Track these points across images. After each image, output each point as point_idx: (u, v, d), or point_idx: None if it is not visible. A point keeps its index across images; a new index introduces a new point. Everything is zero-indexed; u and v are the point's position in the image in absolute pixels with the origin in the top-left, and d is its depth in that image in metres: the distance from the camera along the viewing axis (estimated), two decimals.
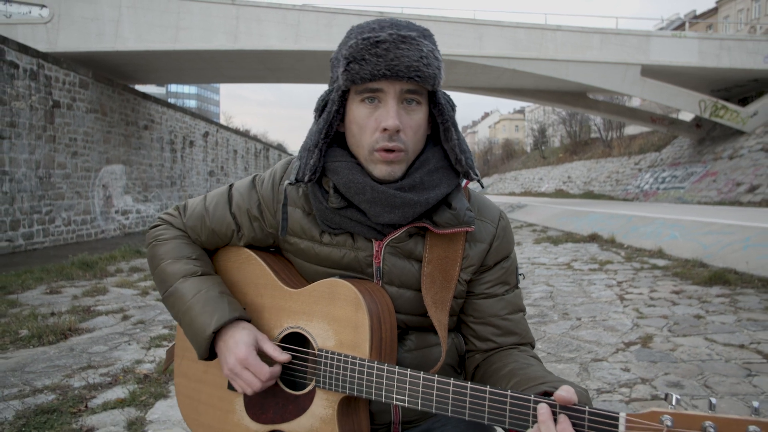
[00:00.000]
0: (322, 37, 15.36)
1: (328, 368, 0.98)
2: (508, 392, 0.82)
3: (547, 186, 40.92)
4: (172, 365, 1.24)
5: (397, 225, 1.03)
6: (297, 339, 1.07)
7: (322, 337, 1.00)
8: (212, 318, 1.01)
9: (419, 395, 0.89)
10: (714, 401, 0.72)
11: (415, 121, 0.98)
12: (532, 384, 0.89)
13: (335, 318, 0.99)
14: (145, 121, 15.32)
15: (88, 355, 3.60)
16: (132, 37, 14.56)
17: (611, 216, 12.77)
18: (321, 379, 0.98)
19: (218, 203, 1.15)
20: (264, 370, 0.98)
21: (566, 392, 0.77)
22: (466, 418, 0.85)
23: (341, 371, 0.96)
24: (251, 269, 1.13)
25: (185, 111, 18.68)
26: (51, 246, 10.71)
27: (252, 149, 27.74)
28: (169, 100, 28.10)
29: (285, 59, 16.69)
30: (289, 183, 1.02)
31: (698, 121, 22.91)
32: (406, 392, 0.90)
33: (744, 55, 18.49)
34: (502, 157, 68.42)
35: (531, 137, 63.22)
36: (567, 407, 0.78)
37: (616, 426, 0.74)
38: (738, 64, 18.52)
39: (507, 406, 0.82)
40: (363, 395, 0.94)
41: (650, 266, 7.13)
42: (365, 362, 0.94)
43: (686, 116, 25.10)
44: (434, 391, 0.88)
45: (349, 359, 0.95)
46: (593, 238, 10.48)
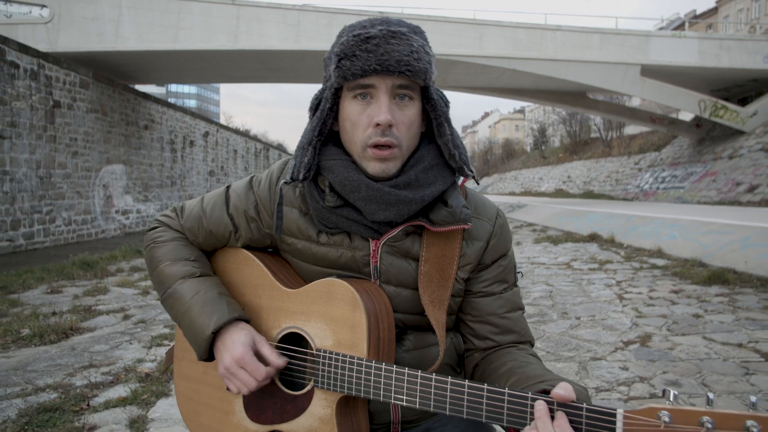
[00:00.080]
0: (323, 37, 15.37)
1: (327, 368, 0.97)
2: (506, 390, 0.82)
3: (547, 186, 40.91)
4: (172, 366, 1.24)
5: (394, 223, 1.03)
6: (295, 339, 1.06)
7: (320, 337, 1.00)
8: (211, 319, 1.01)
9: (417, 394, 0.89)
10: (711, 396, 0.71)
11: (408, 117, 0.97)
12: (531, 382, 0.89)
13: (333, 318, 0.99)
14: (146, 121, 15.33)
15: (90, 354, 3.62)
16: (132, 37, 14.57)
17: (611, 216, 12.78)
18: (319, 379, 0.98)
19: (215, 204, 1.15)
20: (260, 370, 0.98)
21: (564, 390, 0.77)
22: (464, 416, 0.85)
23: (339, 371, 0.96)
24: (249, 270, 1.12)
25: (185, 111, 18.69)
26: (51, 246, 10.73)
27: (252, 149, 27.75)
28: (169, 100, 28.09)
29: (285, 59, 16.71)
30: (285, 182, 1.02)
31: (698, 121, 22.92)
32: (404, 391, 0.90)
33: (744, 55, 18.51)
34: (502, 157, 68.42)
35: (531, 137, 63.24)
36: (564, 404, 0.77)
37: (614, 422, 0.74)
38: (738, 64, 18.54)
39: (505, 404, 0.82)
40: (361, 395, 0.94)
41: (649, 266, 7.14)
42: (363, 362, 0.94)
43: (686, 116, 25.10)
44: (432, 390, 0.88)
45: (347, 359, 0.95)
46: (593, 238, 10.49)
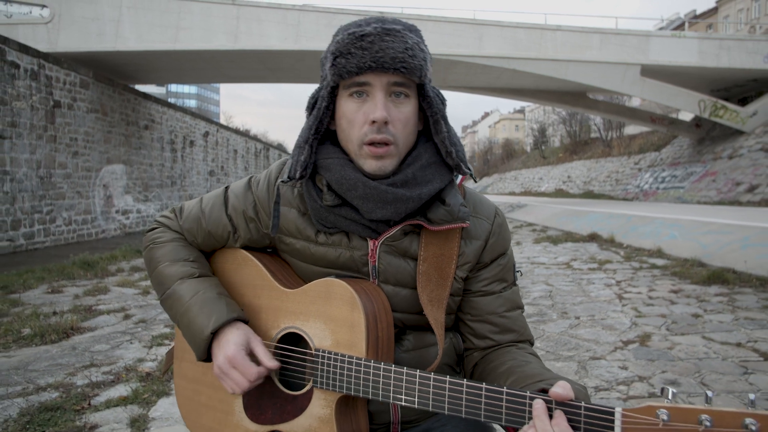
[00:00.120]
0: (323, 37, 15.37)
1: (325, 368, 0.97)
2: (504, 389, 0.82)
3: (547, 186, 40.92)
4: (172, 367, 1.24)
5: (392, 223, 1.03)
6: (294, 339, 1.06)
7: (319, 337, 1.00)
8: (210, 319, 1.01)
9: (416, 393, 0.89)
10: (710, 394, 0.71)
11: (404, 114, 0.97)
12: (530, 381, 0.89)
13: (331, 317, 0.99)
14: (146, 121, 15.34)
15: (91, 354, 3.63)
16: (132, 37, 14.58)
17: (611, 216, 12.79)
18: (318, 379, 0.98)
19: (214, 205, 1.15)
20: (251, 370, 0.97)
21: (562, 388, 0.77)
22: (463, 416, 0.85)
23: (338, 371, 0.96)
24: (248, 270, 1.12)
25: (185, 111, 18.70)
26: (52, 246, 10.74)
27: (252, 149, 27.76)
28: (170, 100, 28.11)
29: (285, 59, 16.72)
30: (282, 181, 1.02)
31: (698, 121, 22.93)
32: (403, 391, 0.90)
33: (744, 55, 18.52)
34: (502, 157, 68.44)
35: (531, 137, 63.24)
36: (563, 403, 0.77)
37: (612, 421, 0.73)
38: (737, 64, 18.55)
39: (503, 403, 0.82)
40: (360, 394, 0.94)
41: (649, 266, 7.15)
42: (362, 361, 0.94)
43: (686, 116, 25.11)
44: (430, 389, 0.87)
45: (346, 358, 0.95)
46: (593, 238, 10.50)
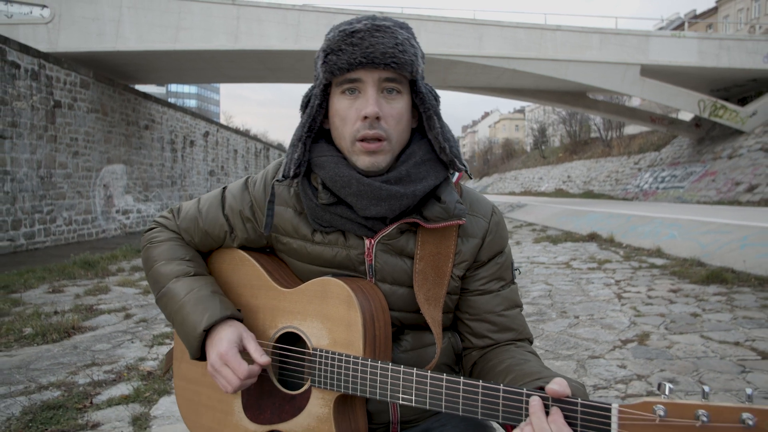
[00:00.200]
0: (322, 37, 14.48)
1: (323, 367, 0.97)
2: (501, 386, 0.82)
3: (547, 185, 40.93)
4: (172, 368, 1.25)
5: (388, 221, 1.02)
6: (293, 339, 1.06)
7: (317, 336, 1.00)
8: (203, 316, 1.01)
9: (413, 392, 0.89)
10: (707, 389, 0.71)
11: (396, 110, 0.97)
12: (528, 379, 0.88)
13: (328, 316, 0.99)
14: (146, 121, 15.36)
15: (92, 353, 3.64)
16: (133, 37, 14.60)
17: (610, 215, 12.81)
18: (316, 378, 0.98)
19: (211, 205, 1.15)
20: (242, 368, 0.96)
21: (558, 385, 0.76)
22: (460, 414, 0.84)
23: (335, 370, 0.95)
24: (245, 270, 1.12)
25: (185, 111, 18.71)
26: (52, 245, 10.76)
27: (252, 149, 27.77)
28: (170, 100, 28.12)
29: (285, 59, 16.73)
30: (277, 180, 1.02)
31: (697, 121, 22.95)
32: (400, 389, 0.90)
33: (743, 55, 18.54)
34: (502, 157, 68.46)
35: (531, 137, 63.27)
36: (559, 400, 0.77)
37: (609, 417, 0.73)
38: (737, 64, 18.57)
39: (500, 401, 0.82)
40: (358, 393, 0.94)
41: (648, 265, 7.17)
42: (359, 360, 0.94)
43: (686, 116, 25.13)
44: (427, 387, 0.87)
45: (343, 357, 0.95)
46: (592, 238, 10.52)
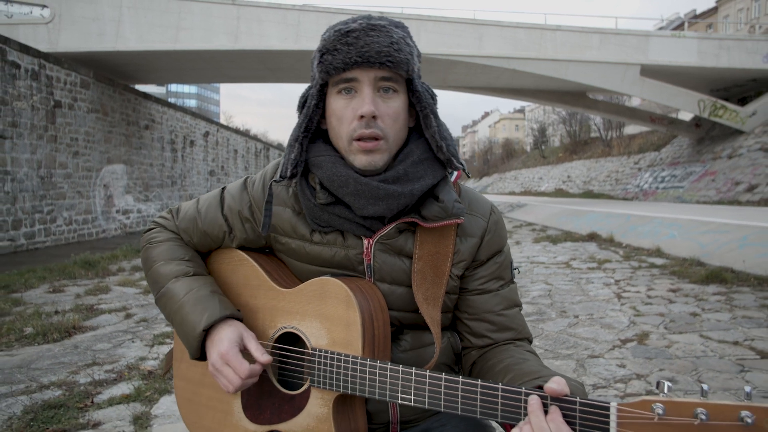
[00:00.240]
0: None
1: (322, 367, 0.97)
2: (500, 386, 0.82)
3: (547, 185, 40.94)
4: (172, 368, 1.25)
5: (386, 220, 1.02)
6: (292, 339, 1.06)
7: (316, 336, 1.00)
8: (203, 316, 1.01)
9: (412, 391, 0.89)
10: (706, 387, 0.70)
11: (393, 109, 0.97)
12: (527, 379, 0.88)
13: (327, 316, 0.99)
14: (146, 121, 15.37)
15: (93, 353, 3.65)
16: (133, 37, 14.61)
17: (610, 215, 12.82)
18: (315, 378, 0.98)
19: (210, 206, 1.15)
20: (243, 367, 0.96)
21: (557, 384, 0.76)
22: (459, 413, 0.84)
23: (334, 369, 0.95)
24: (244, 271, 1.13)
25: (186, 111, 18.72)
26: (52, 245, 10.76)
27: (252, 149, 27.78)
28: (170, 100, 28.13)
29: (285, 59, 16.74)
30: (274, 180, 1.02)
31: (697, 121, 22.96)
32: (399, 389, 0.90)
33: (743, 55, 18.55)
34: (502, 157, 68.48)
35: (531, 137, 63.29)
36: (558, 398, 0.77)
37: (608, 415, 0.73)
38: (737, 64, 18.58)
39: (499, 400, 0.82)
40: (357, 393, 0.94)
41: (648, 265, 7.18)
42: (358, 360, 0.94)
43: (685, 116, 25.14)
44: (426, 387, 0.87)
45: (342, 357, 0.95)
46: (592, 237, 10.53)
